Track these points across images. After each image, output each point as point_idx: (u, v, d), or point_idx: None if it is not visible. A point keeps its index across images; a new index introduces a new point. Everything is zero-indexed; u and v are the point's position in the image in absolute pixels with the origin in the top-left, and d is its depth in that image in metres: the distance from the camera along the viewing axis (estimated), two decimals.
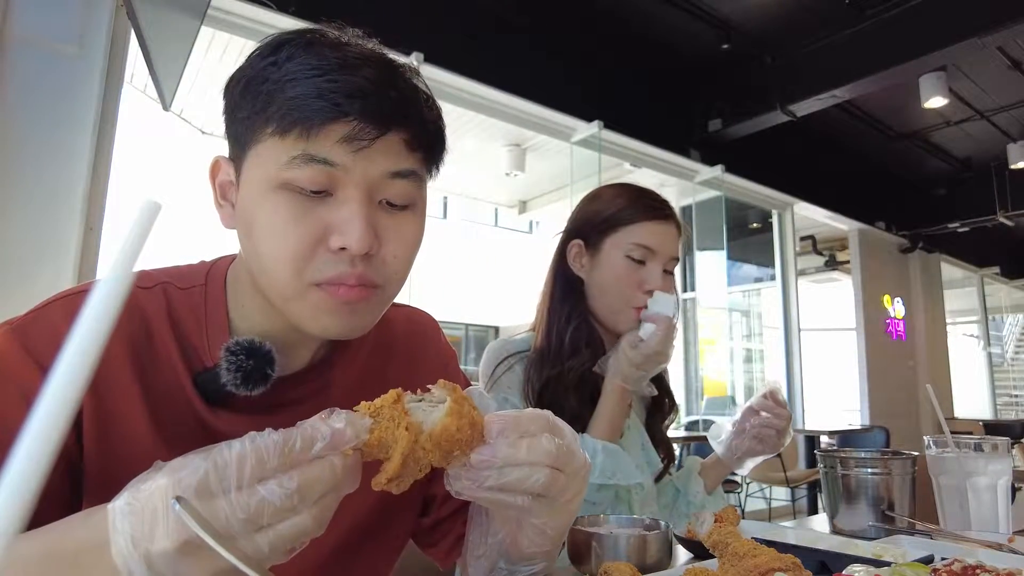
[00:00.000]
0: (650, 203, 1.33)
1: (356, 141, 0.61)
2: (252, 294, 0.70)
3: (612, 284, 1.29)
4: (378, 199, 0.65)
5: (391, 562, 0.85)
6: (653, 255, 1.29)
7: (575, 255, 1.34)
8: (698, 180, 5.40)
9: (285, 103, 0.60)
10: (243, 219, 0.66)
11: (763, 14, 4.36)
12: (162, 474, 0.47)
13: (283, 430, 0.50)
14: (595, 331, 1.31)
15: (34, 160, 2.03)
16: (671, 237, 1.33)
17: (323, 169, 0.61)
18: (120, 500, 0.47)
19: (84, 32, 2.14)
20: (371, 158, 0.62)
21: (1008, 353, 10.84)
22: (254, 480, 0.47)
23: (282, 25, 3.10)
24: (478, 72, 3.79)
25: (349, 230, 0.61)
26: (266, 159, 0.62)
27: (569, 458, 0.60)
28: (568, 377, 1.25)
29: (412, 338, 0.87)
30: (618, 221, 1.31)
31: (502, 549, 0.69)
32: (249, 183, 0.65)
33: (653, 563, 0.80)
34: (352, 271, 0.63)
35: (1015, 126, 5.99)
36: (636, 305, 1.28)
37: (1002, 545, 0.89)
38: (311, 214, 0.62)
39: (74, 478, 0.63)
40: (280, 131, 0.61)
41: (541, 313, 1.35)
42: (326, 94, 0.60)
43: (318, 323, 0.65)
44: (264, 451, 0.47)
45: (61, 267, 2.06)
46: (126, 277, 0.37)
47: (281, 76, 0.61)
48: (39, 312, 0.65)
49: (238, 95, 0.65)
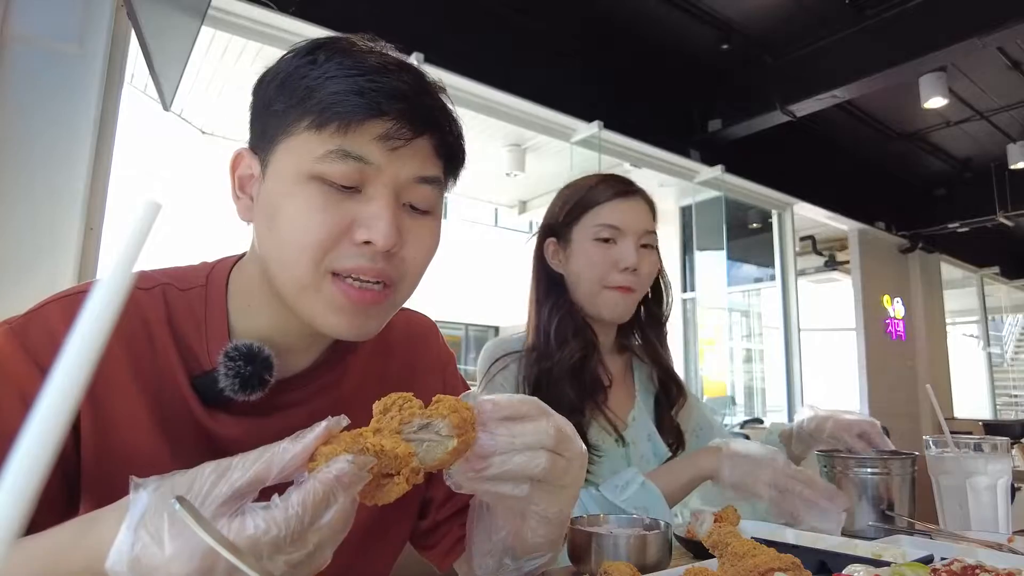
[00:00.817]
0: (609, 184, 1.33)
1: (392, 140, 0.63)
2: (260, 292, 0.70)
3: (585, 270, 1.29)
4: (403, 201, 0.67)
5: (389, 564, 0.85)
6: (621, 232, 1.28)
7: (552, 253, 1.35)
8: (698, 180, 5.40)
9: (325, 98, 0.62)
10: (266, 209, 0.66)
11: (763, 14, 4.35)
12: (166, 550, 0.46)
13: (296, 495, 0.49)
14: (580, 321, 1.31)
15: (34, 160, 2.02)
16: (637, 211, 1.31)
17: (357, 166, 0.62)
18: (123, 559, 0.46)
19: (84, 32, 2.14)
20: (403, 159, 0.64)
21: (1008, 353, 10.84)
22: (272, 554, 0.47)
23: (282, 25, 3.10)
24: (478, 72, 3.79)
25: (377, 225, 0.63)
26: (299, 151, 0.64)
27: (568, 442, 0.62)
28: (559, 369, 1.24)
29: (411, 341, 0.87)
30: (581, 208, 1.32)
31: (507, 546, 0.69)
32: (278, 174, 0.65)
33: (653, 563, 0.80)
34: (372, 266, 0.64)
35: (1015, 126, 5.98)
36: (609, 284, 1.27)
37: (1002, 545, 0.89)
38: (340, 206, 0.63)
39: (70, 480, 0.63)
40: (317, 125, 0.62)
41: (529, 313, 1.36)
42: (367, 93, 0.62)
43: (328, 320, 0.65)
44: (284, 534, 0.47)
45: (61, 267, 2.05)
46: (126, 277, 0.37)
47: (321, 73, 0.63)
48: (37, 312, 0.65)
49: (273, 90, 0.66)
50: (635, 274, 1.28)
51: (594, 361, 1.29)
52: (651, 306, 1.41)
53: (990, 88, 5.31)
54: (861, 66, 4.39)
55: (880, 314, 6.96)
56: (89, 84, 2.13)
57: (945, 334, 7.98)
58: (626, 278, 1.27)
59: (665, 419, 1.36)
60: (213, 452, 0.65)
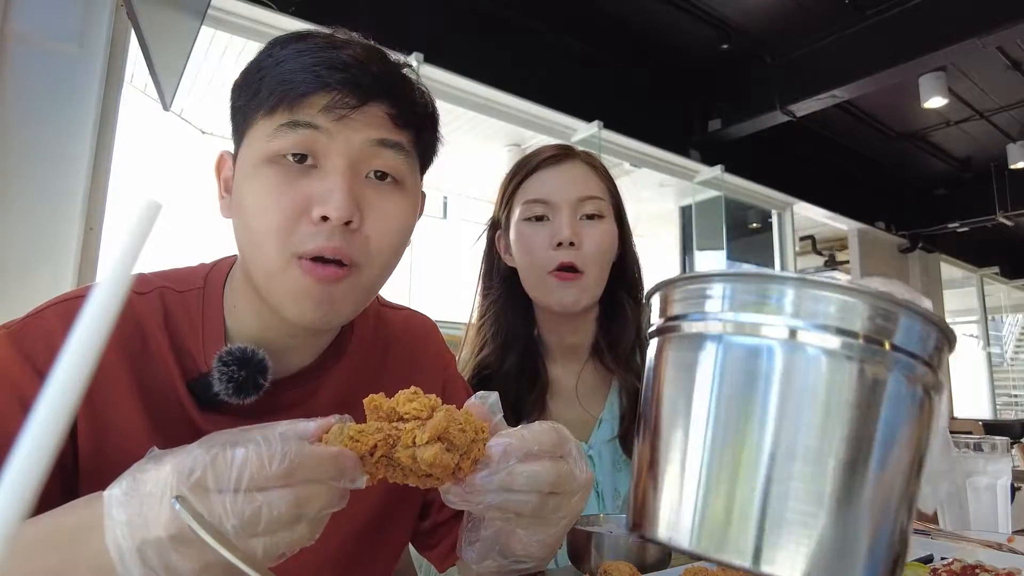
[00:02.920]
0: (537, 155, 1.13)
1: (336, 110, 0.62)
2: (246, 294, 0.70)
3: (523, 256, 1.10)
4: (365, 172, 0.65)
5: (391, 564, 0.85)
6: (553, 206, 1.07)
7: (504, 247, 1.17)
8: (698, 180, 5.40)
9: (272, 82, 0.63)
10: (235, 202, 0.67)
11: (763, 14, 4.35)
12: (162, 464, 0.47)
13: (291, 427, 0.49)
14: (517, 319, 1.15)
15: (34, 160, 2.02)
16: (569, 178, 1.09)
17: (306, 132, 0.62)
18: (117, 488, 0.47)
19: (84, 32, 2.14)
20: (353, 127, 0.63)
21: (1008, 353, 10.84)
22: (253, 487, 0.45)
23: (282, 25, 3.10)
24: (478, 72, 3.79)
25: (330, 199, 0.62)
26: (255, 139, 0.64)
27: (568, 481, 0.58)
28: (498, 376, 1.09)
29: (409, 341, 0.87)
30: (513, 189, 1.13)
31: (496, 541, 0.69)
32: (240, 165, 0.66)
33: (653, 563, 0.79)
34: (329, 244, 0.62)
35: (1015, 126, 5.98)
36: (549, 269, 1.05)
37: (1002, 545, 0.89)
38: (295, 185, 0.63)
39: (68, 483, 0.63)
40: (268, 110, 0.63)
41: (470, 316, 1.22)
42: (308, 67, 0.62)
43: (297, 306, 0.64)
44: (268, 458, 0.46)
45: (61, 267, 2.05)
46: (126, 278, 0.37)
47: (273, 62, 0.64)
48: (35, 317, 0.65)
49: (237, 88, 0.67)
50: (576, 250, 1.05)
51: (536, 366, 1.12)
52: (618, 295, 1.16)
53: (990, 88, 5.31)
54: (861, 66, 4.39)
55: None
56: (89, 84, 2.13)
57: None
58: (566, 254, 1.04)
59: (631, 442, 1.09)
60: None
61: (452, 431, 0.52)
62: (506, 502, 0.56)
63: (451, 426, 0.52)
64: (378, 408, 0.53)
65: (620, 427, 1.12)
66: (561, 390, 1.15)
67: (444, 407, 0.53)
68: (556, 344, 1.16)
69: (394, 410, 0.52)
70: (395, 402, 0.53)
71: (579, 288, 1.06)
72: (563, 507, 0.60)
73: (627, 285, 1.17)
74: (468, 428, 0.53)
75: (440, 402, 0.54)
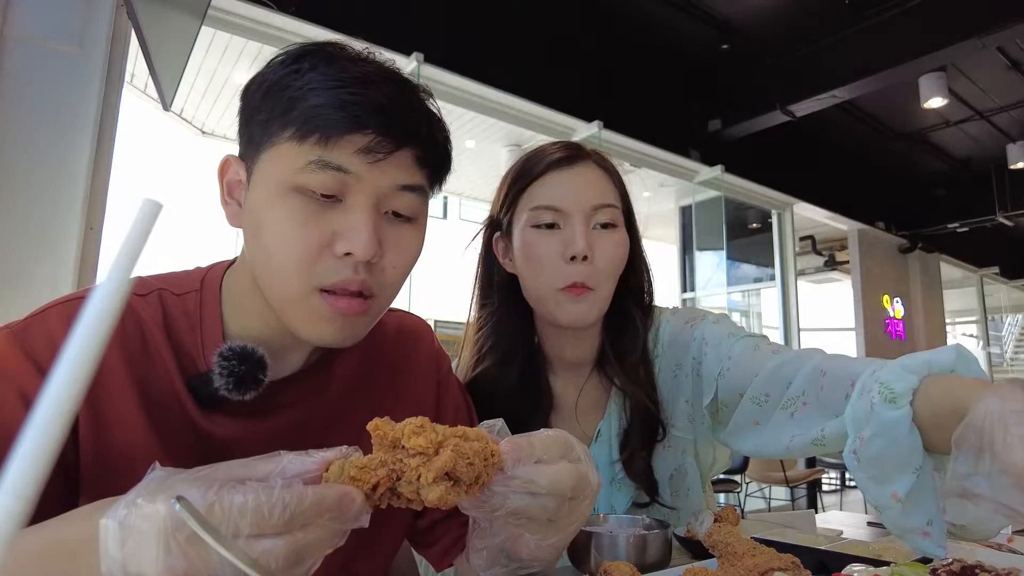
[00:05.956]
0: (546, 152, 1.03)
1: (372, 153, 0.63)
2: (251, 295, 0.70)
3: (527, 267, 1.01)
4: (384, 210, 0.67)
5: (386, 563, 0.85)
6: (564, 214, 0.99)
7: (502, 251, 1.08)
8: (698, 180, 5.41)
9: (306, 110, 0.62)
10: (252, 219, 0.67)
11: (763, 14, 4.36)
12: (156, 502, 0.45)
13: (295, 462, 0.49)
14: (515, 329, 1.09)
15: (34, 160, 2.02)
16: (583, 183, 1.01)
17: (336, 175, 0.63)
18: (112, 519, 0.46)
19: (84, 32, 2.14)
20: (383, 170, 0.64)
21: (1007, 353, 10.85)
22: (252, 535, 0.45)
23: (282, 25, 3.10)
24: (478, 72, 3.79)
25: (355, 237, 0.63)
26: (281, 162, 0.64)
27: (585, 484, 0.60)
28: (496, 391, 1.04)
29: (402, 342, 0.88)
30: (517, 190, 1.03)
31: (504, 547, 0.69)
32: (261, 184, 0.66)
33: (653, 563, 0.80)
34: (355, 277, 0.64)
35: (1015, 126, 5.99)
36: (560, 285, 0.97)
37: (1001, 545, 0.89)
38: (320, 219, 0.63)
39: (70, 480, 0.64)
40: (299, 136, 0.62)
41: (467, 324, 1.16)
42: (347, 106, 0.62)
43: (314, 330, 0.66)
44: (268, 509, 0.45)
45: (61, 267, 2.05)
46: (127, 277, 0.37)
47: (304, 84, 0.63)
48: (38, 317, 0.65)
49: (258, 99, 0.66)
50: (589, 264, 0.97)
51: (539, 382, 1.08)
52: (625, 306, 1.08)
53: (990, 88, 5.32)
54: (861, 66, 4.39)
55: (880, 314, 6.97)
56: (89, 84, 2.14)
57: (945, 334, 7.99)
58: (579, 270, 0.96)
59: (637, 462, 1.03)
60: (208, 452, 0.66)
61: (459, 467, 0.51)
62: (524, 507, 0.57)
63: (458, 464, 0.51)
64: (383, 436, 0.53)
65: (623, 450, 1.05)
66: (562, 404, 1.11)
67: (453, 438, 0.53)
68: (557, 357, 1.11)
69: (399, 440, 0.52)
70: (400, 432, 0.52)
71: (589, 303, 0.99)
72: (575, 511, 0.61)
73: (635, 294, 1.10)
74: (477, 460, 0.53)
75: (449, 433, 0.53)
